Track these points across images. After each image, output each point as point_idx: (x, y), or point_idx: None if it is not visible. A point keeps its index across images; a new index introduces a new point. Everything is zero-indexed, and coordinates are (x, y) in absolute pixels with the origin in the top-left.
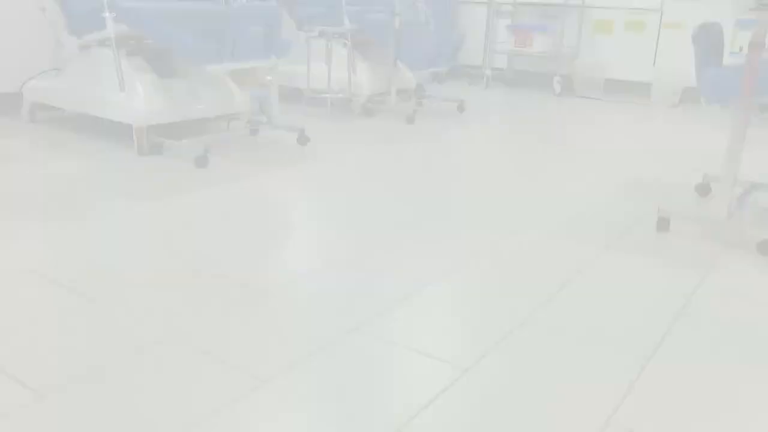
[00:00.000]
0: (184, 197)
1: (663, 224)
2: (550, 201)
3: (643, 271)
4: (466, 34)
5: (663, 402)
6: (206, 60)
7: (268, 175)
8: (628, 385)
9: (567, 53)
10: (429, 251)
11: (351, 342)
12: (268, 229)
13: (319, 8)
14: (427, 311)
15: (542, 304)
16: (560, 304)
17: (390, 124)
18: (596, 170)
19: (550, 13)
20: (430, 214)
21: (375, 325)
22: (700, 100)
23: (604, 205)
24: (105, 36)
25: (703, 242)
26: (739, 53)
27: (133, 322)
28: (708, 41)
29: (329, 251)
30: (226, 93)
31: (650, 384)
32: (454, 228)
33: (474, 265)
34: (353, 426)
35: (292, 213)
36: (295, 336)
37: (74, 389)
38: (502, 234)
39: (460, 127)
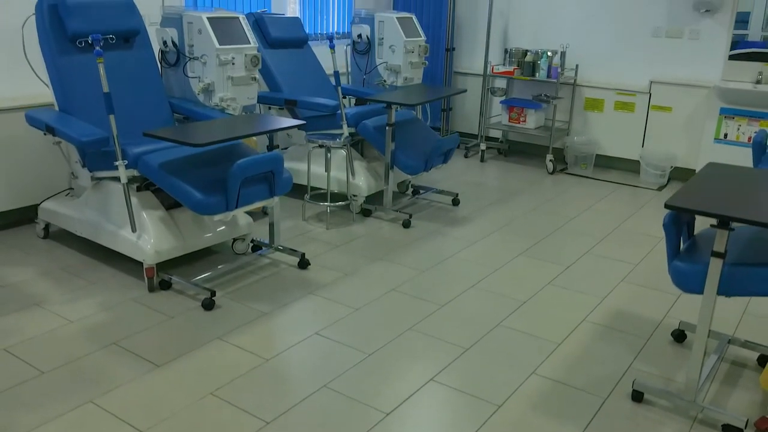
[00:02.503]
0: (194, 358)
1: (637, 395)
2: (527, 351)
3: None
4: (463, 104)
5: None
6: (213, 211)
7: (272, 324)
8: None
9: (560, 128)
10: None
11: None
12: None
13: (320, 112)
14: None
15: None
16: None
17: (387, 230)
18: (578, 303)
19: (544, 90)
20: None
21: None
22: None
23: (581, 362)
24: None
25: (674, 418)
26: (723, 140)
27: None
28: (677, 231)
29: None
30: (231, 220)
31: None
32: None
33: None
34: None
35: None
36: None
37: None
38: (472, 408)
39: (454, 228)
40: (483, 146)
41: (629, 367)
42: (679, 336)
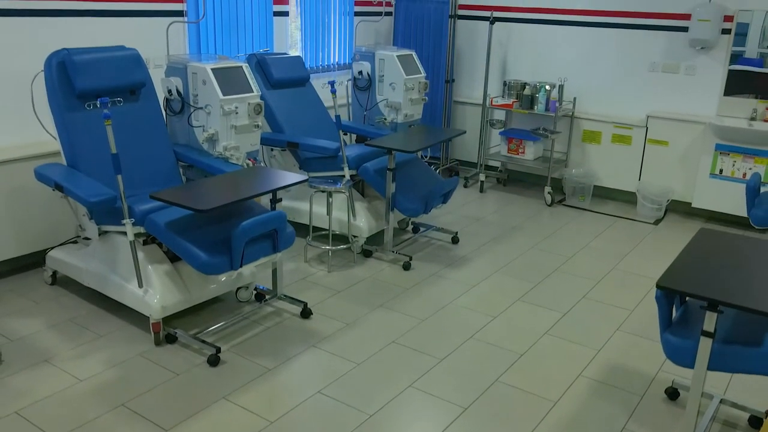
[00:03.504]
0: (200, 420)
1: None
2: (524, 410)
3: None
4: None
5: None
6: (219, 272)
7: (276, 381)
8: None
9: (558, 159)
10: None
11: None
12: None
13: (321, 155)
14: None
15: None
16: None
17: (387, 272)
18: (574, 356)
19: (542, 122)
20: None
21: None
22: (683, 212)
23: (576, 422)
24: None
25: None
26: (719, 176)
27: None
28: (669, 304)
29: None
30: None
31: None
32: None
33: None
34: None
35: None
36: None
37: None
38: None
39: (453, 270)
40: (482, 177)
41: (623, 428)
42: (673, 394)
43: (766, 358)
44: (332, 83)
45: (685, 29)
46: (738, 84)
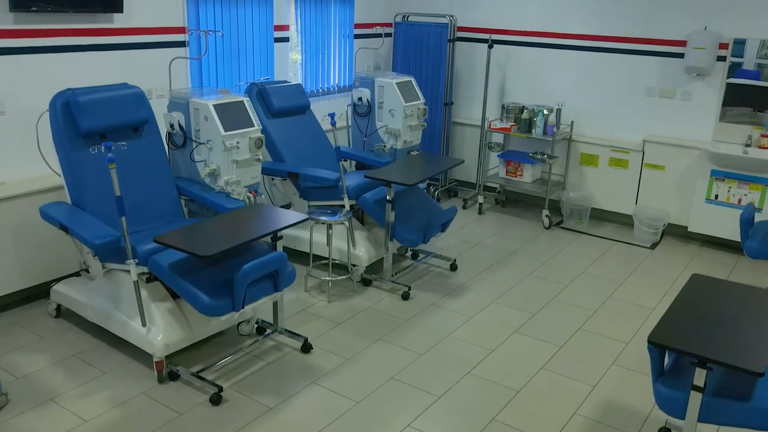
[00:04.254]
0: None
1: None
2: None
3: None
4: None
5: None
6: (221, 313)
7: (277, 421)
8: None
9: (556, 181)
10: None
11: None
12: None
13: (321, 185)
14: None
15: None
16: None
17: (387, 302)
18: (569, 393)
19: (540, 146)
20: None
21: None
22: (679, 235)
23: None
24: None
25: None
26: (714, 201)
27: None
28: (661, 354)
29: None
30: None
31: None
32: None
33: None
34: None
35: None
36: None
37: None
38: None
39: (451, 300)
40: (481, 199)
41: None
42: None
43: (755, 413)
44: (332, 115)
45: (681, 55)
46: (736, 97)
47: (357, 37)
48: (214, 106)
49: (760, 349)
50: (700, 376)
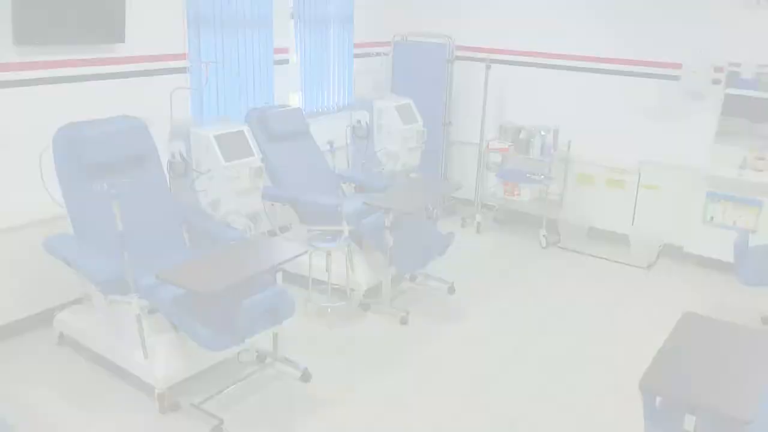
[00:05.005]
0: None
1: None
2: None
3: None
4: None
5: None
6: (222, 348)
7: None
8: None
9: (553, 200)
10: None
11: None
12: None
13: (321, 210)
14: None
15: None
16: None
17: (385, 328)
18: (564, 426)
19: (538, 166)
20: None
21: None
22: (675, 256)
23: None
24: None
25: None
26: (710, 222)
27: None
28: (652, 398)
29: None
30: None
31: None
32: None
33: None
34: None
35: None
36: None
37: None
38: None
39: (449, 325)
40: (479, 218)
41: None
42: None
43: None
44: (331, 143)
45: (677, 78)
46: (734, 108)
47: (357, 56)
48: (214, 137)
49: (749, 394)
50: (690, 421)
